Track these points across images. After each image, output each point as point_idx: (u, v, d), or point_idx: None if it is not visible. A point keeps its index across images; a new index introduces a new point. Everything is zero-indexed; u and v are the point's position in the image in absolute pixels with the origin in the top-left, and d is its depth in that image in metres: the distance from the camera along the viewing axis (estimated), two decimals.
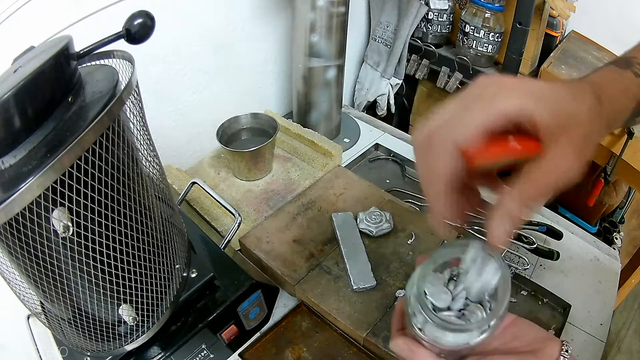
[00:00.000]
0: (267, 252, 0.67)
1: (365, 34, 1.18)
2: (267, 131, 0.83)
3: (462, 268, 0.33)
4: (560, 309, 0.65)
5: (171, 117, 0.84)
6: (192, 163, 0.87)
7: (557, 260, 0.68)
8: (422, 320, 0.31)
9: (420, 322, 0.32)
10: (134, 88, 0.37)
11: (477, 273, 0.32)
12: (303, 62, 0.85)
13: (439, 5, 1.02)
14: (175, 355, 0.49)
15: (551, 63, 0.96)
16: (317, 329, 0.62)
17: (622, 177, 1.07)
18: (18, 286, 0.41)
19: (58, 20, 0.59)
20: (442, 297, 0.32)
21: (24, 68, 0.33)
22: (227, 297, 0.52)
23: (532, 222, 0.72)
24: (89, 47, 0.37)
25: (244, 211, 0.76)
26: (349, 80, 1.22)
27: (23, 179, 0.29)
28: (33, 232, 0.32)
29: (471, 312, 0.32)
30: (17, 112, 0.31)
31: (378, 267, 0.64)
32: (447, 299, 0.32)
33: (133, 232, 0.39)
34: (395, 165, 0.92)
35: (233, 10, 0.83)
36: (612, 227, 1.25)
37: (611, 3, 1.05)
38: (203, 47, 0.81)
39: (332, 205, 0.75)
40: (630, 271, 1.10)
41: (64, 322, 0.43)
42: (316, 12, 0.78)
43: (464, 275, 0.33)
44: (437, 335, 0.31)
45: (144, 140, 0.43)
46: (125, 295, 0.41)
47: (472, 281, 0.32)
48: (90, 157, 0.32)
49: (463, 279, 0.33)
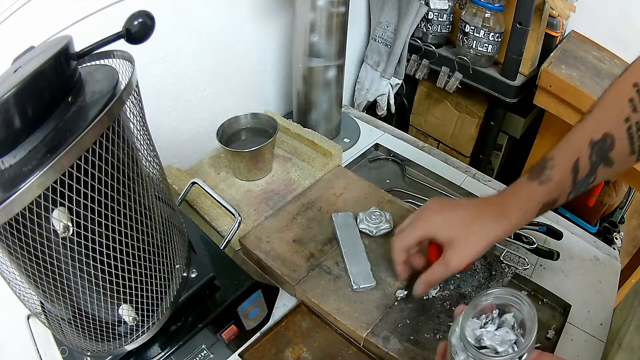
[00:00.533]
0: (267, 252, 0.67)
1: (365, 34, 1.18)
2: (267, 131, 0.83)
3: (494, 313, 0.41)
4: (560, 309, 0.65)
5: (171, 117, 0.84)
6: (192, 163, 0.87)
7: (557, 260, 0.68)
8: (464, 357, 0.38)
9: (462, 359, 0.38)
10: (134, 88, 0.37)
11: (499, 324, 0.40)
12: (303, 62, 0.85)
13: (439, 5, 1.03)
14: (175, 355, 0.49)
15: (551, 63, 0.96)
16: (317, 329, 0.62)
17: (622, 177, 1.07)
18: (18, 286, 0.41)
19: (58, 20, 0.59)
20: (479, 335, 0.39)
21: (24, 68, 0.33)
22: (227, 297, 0.52)
23: (532, 222, 0.72)
24: (89, 47, 0.37)
25: (244, 211, 0.76)
26: (349, 80, 1.22)
27: (23, 179, 0.29)
28: (33, 232, 0.32)
29: (503, 345, 0.38)
30: (17, 112, 0.31)
31: (378, 267, 0.64)
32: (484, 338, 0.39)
33: (133, 232, 0.39)
34: (395, 165, 0.92)
35: (233, 10, 0.83)
36: (612, 227, 1.25)
37: (611, 3, 1.05)
38: (203, 47, 0.81)
39: (332, 205, 0.75)
40: (630, 271, 1.10)
41: (64, 322, 0.43)
42: (316, 12, 0.78)
43: (495, 319, 0.40)
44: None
45: (144, 140, 0.43)
46: (125, 295, 0.41)
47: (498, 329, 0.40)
48: (90, 157, 0.32)
49: (495, 322, 0.40)
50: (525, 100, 1.02)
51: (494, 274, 0.64)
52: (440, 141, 1.25)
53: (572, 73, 0.94)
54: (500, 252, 0.68)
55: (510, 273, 0.64)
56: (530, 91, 1.00)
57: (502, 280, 0.63)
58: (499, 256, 0.67)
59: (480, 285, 0.62)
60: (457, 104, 1.16)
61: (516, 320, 0.39)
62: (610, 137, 0.43)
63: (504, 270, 0.64)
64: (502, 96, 1.00)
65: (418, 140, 0.98)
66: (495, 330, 0.39)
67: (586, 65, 1.00)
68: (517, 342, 0.38)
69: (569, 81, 0.91)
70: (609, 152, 0.44)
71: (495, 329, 0.39)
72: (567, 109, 0.94)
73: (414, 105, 1.26)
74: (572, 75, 0.93)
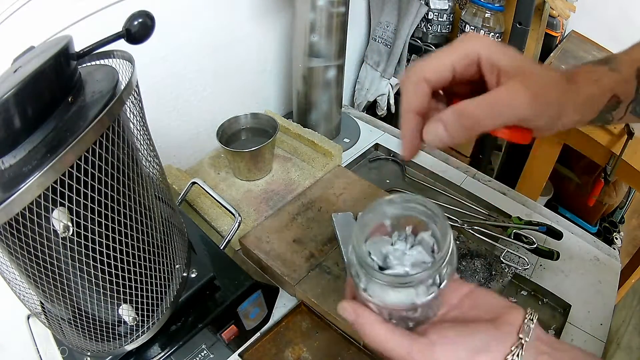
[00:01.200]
0: (267, 252, 0.67)
1: (365, 34, 1.18)
2: (267, 131, 0.83)
3: (407, 231, 0.34)
4: (560, 309, 0.65)
5: (171, 117, 0.84)
6: (192, 163, 0.87)
7: (557, 260, 0.68)
8: (365, 280, 0.30)
9: (363, 282, 0.31)
10: (134, 88, 0.37)
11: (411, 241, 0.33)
12: (303, 62, 0.85)
13: (439, 5, 1.02)
14: (175, 355, 0.49)
15: (551, 63, 0.96)
16: (317, 329, 0.62)
17: (622, 177, 1.07)
18: (18, 286, 0.41)
19: (58, 20, 0.59)
20: (384, 254, 0.33)
21: (24, 68, 0.33)
22: (227, 297, 0.52)
23: (532, 222, 0.72)
24: (89, 47, 0.37)
25: (244, 211, 0.76)
26: (349, 80, 1.22)
27: (23, 179, 0.29)
28: (33, 232, 0.32)
29: (414, 268, 0.32)
30: (17, 112, 0.31)
31: None
32: (391, 257, 0.32)
33: (133, 232, 0.39)
34: (395, 165, 0.92)
35: (233, 10, 0.83)
36: (612, 227, 1.25)
37: (611, 3, 1.05)
38: (203, 47, 0.81)
39: (332, 205, 0.75)
40: (630, 271, 1.10)
41: (64, 322, 0.43)
42: (316, 12, 0.78)
43: (409, 237, 0.33)
44: (381, 294, 0.30)
45: (144, 140, 0.43)
46: (125, 295, 0.41)
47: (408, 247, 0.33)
48: (90, 157, 0.32)
49: (408, 241, 0.33)
50: None
51: (494, 274, 0.64)
52: None
53: None
54: (500, 252, 0.68)
55: (510, 273, 0.64)
56: None
57: (502, 280, 0.63)
58: (499, 256, 0.67)
59: (480, 285, 0.62)
60: None
61: (437, 241, 0.32)
62: None
63: (504, 270, 0.64)
64: None
65: None
66: (407, 250, 0.33)
67: None
68: (433, 264, 0.30)
69: None
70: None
71: (407, 249, 0.33)
72: None
73: None
74: None
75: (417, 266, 0.32)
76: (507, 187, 0.86)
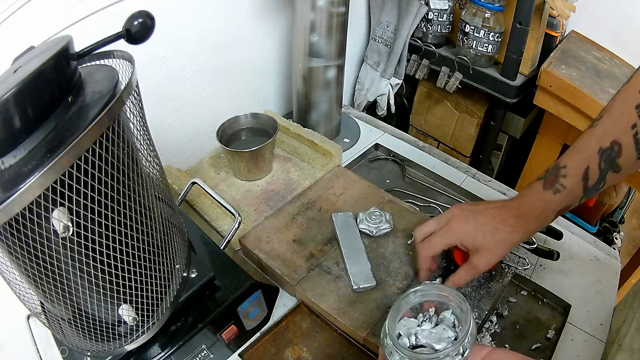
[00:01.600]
0: (267, 252, 0.67)
1: (365, 34, 1.18)
2: (267, 131, 0.83)
3: (430, 312, 0.41)
4: (560, 309, 0.65)
5: (171, 117, 0.84)
6: (192, 163, 0.87)
7: (557, 260, 0.68)
8: (399, 357, 0.37)
9: (397, 359, 0.37)
10: (134, 88, 0.37)
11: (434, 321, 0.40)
12: (303, 62, 0.85)
13: (439, 5, 1.03)
14: (175, 355, 0.49)
15: (551, 63, 0.96)
16: (317, 329, 0.62)
17: None
18: (18, 286, 0.41)
19: (58, 20, 0.59)
20: (413, 334, 0.39)
21: (24, 68, 0.33)
22: (227, 297, 0.52)
23: None
24: (89, 47, 0.37)
25: (244, 211, 0.76)
26: (349, 80, 1.22)
27: (23, 179, 0.29)
28: (33, 232, 0.32)
29: (440, 343, 0.38)
30: (17, 112, 0.31)
31: (378, 267, 0.64)
32: (420, 337, 0.39)
33: (133, 232, 0.39)
34: (395, 165, 0.92)
35: (233, 10, 0.83)
36: (612, 227, 1.25)
37: (611, 3, 1.05)
38: (203, 47, 0.81)
39: (332, 205, 0.75)
40: (630, 271, 1.10)
41: (64, 322, 0.43)
42: (316, 12, 0.78)
43: (432, 317, 0.41)
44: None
45: (144, 140, 0.43)
46: (125, 295, 0.41)
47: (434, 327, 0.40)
48: (90, 157, 0.32)
49: (432, 320, 0.40)
50: (525, 100, 1.02)
51: (494, 274, 0.64)
52: (440, 141, 1.25)
53: (572, 73, 0.94)
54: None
55: (510, 273, 0.64)
56: (530, 91, 1.00)
57: (502, 280, 0.63)
58: None
59: (480, 285, 0.62)
60: (457, 104, 1.16)
61: (457, 318, 0.39)
62: (618, 145, 0.45)
63: (504, 270, 0.64)
64: (502, 96, 1.00)
65: (418, 140, 0.98)
66: (432, 328, 0.40)
67: (586, 65, 1.00)
68: (457, 340, 0.37)
69: (569, 81, 0.91)
70: (617, 159, 0.45)
71: (432, 327, 0.40)
72: (567, 109, 0.94)
73: (414, 105, 1.26)
74: (572, 75, 0.93)
75: (443, 341, 0.38)
76: (507, 187, 0.86)
